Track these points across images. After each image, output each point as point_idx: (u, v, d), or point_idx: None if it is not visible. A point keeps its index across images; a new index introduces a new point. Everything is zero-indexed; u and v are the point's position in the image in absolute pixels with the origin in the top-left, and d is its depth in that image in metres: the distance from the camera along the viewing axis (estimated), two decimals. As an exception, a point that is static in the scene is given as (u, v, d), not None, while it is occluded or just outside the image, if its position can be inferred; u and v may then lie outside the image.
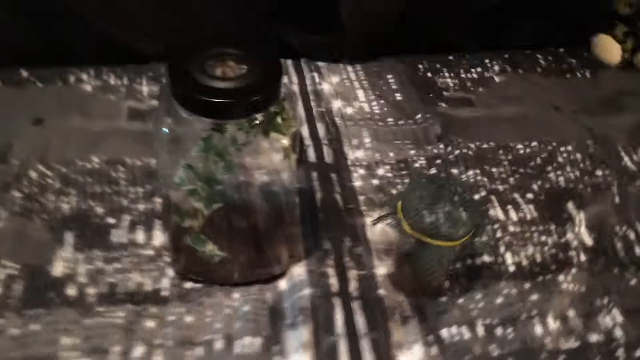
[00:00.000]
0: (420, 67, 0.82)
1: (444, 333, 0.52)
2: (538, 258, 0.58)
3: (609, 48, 0.84)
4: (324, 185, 0.63)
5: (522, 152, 0.70)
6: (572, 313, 0.54)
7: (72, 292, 0.52)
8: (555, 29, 0.84)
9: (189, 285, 0.54)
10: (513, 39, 0.85)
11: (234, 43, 0.45)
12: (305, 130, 0.70)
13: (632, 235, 0.61)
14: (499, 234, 0.60)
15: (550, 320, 0.53)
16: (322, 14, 0.79)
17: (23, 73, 0.75)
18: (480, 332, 0.52)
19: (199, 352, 0.49)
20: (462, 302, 0.54)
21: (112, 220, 0.59)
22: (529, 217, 0.62)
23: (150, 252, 0.56)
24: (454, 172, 0.66)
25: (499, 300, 0.54)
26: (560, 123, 0.74)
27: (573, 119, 0.75)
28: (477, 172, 0.66)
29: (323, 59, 0.81)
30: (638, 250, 0.60)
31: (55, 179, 0.62)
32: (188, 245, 0.50)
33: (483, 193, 0.64)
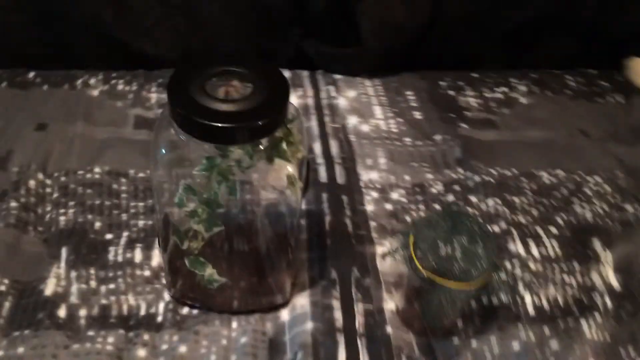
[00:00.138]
0: (442, 83, 0.78)
1: (455, 379, 0.48)
2: (560, 300, 0.54)
3: (644, 72, 0.80)
4: (334, 208, 0.60)
5: (546, 181, 0.66)
6: (594, 364, 0.50)
7: (62, 313, 0.50)
8: (587, 49, 0.80)
9: (185, 311, 0.51)
10: (541, 58, 0.81)
11: (240, 59, 0.42)
12: (318, 147, 0.67)
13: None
14: (518, 271, 0.56)
15: (571, 372, 0.49)
16: (341, 24, 0.76)
17: (30, 75, 0.73)
18: (494, 380, 0.49)
19: (191, 386, 0.46)
20: (475, 345, 0.50)
21: (109, 236, 0.56)
22: (552, 253, 0.58)
23: (147, 273, 0.54)
24: (473, 199, 0.62)
25: (516, 346, 0.51)
26: (589, 151, 0.70)
27: (602, 147, 0.71)
28: (497, 201, 0.62)
29: (340, 72, 0.77)
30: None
31: (54, 189, 0.60)
32: (186, 268, 0.47)
33: (503, 225, 0.60)
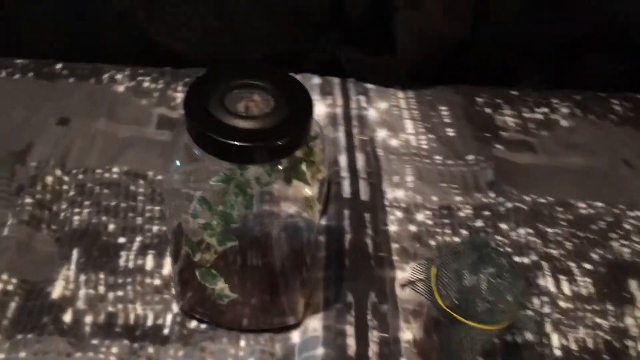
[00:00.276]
0: (479, 100, 0.74)
1: (471, 422, 0.45)
2: (590, 344, 0.51)
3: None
4: (356, 226, 0.57)
5: (583, 212, 0.62)
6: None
7: (67, 318, 0.49)
8: (636, 72, 0.75)
9: (193, 325, 0.50)
10: (586, 78, 0.76)
11: (264, 70, 0.40)
12: (343, 160, 0.64)
13: None
14: (547, 309, 0.53)
15: None
16: (377, 32, 0.73)
17: (57, 66, 0.72)
18: None
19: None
20: (495, 386, 0.47)
21: (122, 240, 0.55)
22: (584, 292, 0.54)
23: (157, 281, 0.52)
24: (503, 227, 0.59)
25: (539, 390, 0.47)
26: (631, 182, 0.66)
27: (646, 179, 0.66)
28: (529, 231, 0.59)
29: (373, 81, 0.74)
30: None
31: (71, 187, 0.58)
32: (196, 281, 0.46)
33: (533, 256, 0.57)
